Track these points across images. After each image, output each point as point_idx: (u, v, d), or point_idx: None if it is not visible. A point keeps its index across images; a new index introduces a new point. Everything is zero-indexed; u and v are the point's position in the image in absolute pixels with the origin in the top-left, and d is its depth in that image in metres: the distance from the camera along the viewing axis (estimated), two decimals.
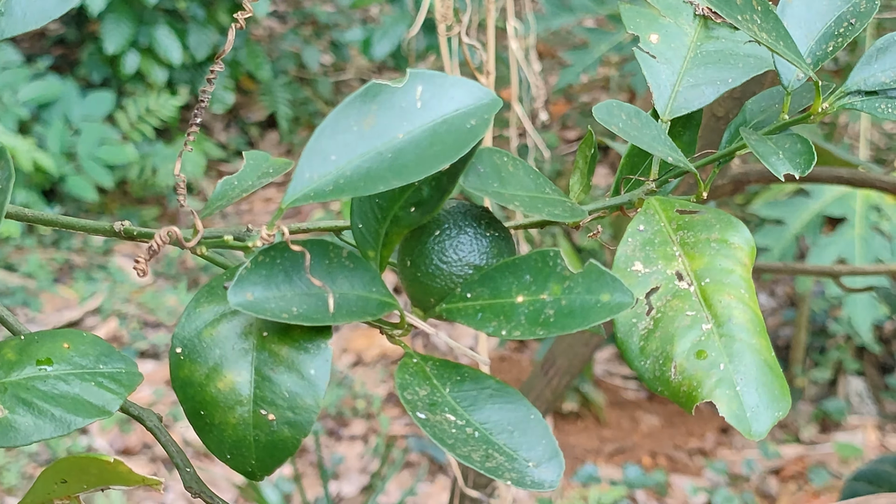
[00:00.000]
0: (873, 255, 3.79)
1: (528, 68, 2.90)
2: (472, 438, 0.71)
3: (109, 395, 0.73)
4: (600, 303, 0.71)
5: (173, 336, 0.75)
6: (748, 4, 0.80)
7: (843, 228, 3.86)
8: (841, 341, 4.38)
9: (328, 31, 6.21)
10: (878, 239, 3.83)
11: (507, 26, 2.42)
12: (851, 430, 4.18)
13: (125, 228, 0.81)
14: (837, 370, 4.37)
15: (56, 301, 4.69)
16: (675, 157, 0.82)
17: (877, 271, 2.05)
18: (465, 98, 0.74)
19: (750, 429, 0.72)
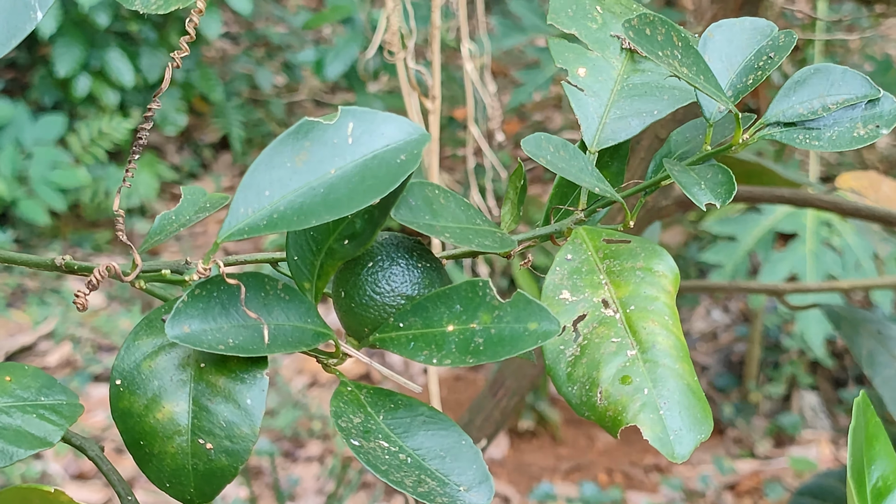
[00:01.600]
0: (825, 270, 3.83)
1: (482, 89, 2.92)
2: (404, 464, 0.73)
3: (51, 427, 0.75)
4: (528, 331, 0.73)
5: (113, 368, 0.77)
6: (669, 40, 0.83)
7: (794, 244, 3.90)
8: (794, 356, 4.42)
9: (281, 53, 6.22)
10: (829, 254, 3.87)
11: (461, 47, 2.44)
12: (806, 445, 4.21)
13: (66, 263, 0.82)
14: (791, 385, 4.40)
15: (9, 326, 4.67)
16: (602, 188, 0.84)
17: (819, 289, 2.08)
18: (395, 134, 0.76)
19: (673, 451, 0.74)
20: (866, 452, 0.76)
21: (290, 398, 4.38)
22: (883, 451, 0.76)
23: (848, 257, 3.86)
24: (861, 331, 1.93)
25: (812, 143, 0.86)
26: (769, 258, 3.90)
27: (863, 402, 0.80)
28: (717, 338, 4.73)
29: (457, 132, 5.20)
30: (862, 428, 0.77)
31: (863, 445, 0.76)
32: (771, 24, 0.91)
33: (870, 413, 0.80)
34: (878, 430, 0.78)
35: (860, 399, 0.81)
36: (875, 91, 0.86)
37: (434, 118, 1.83)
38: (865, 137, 0.85)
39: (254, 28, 6.43)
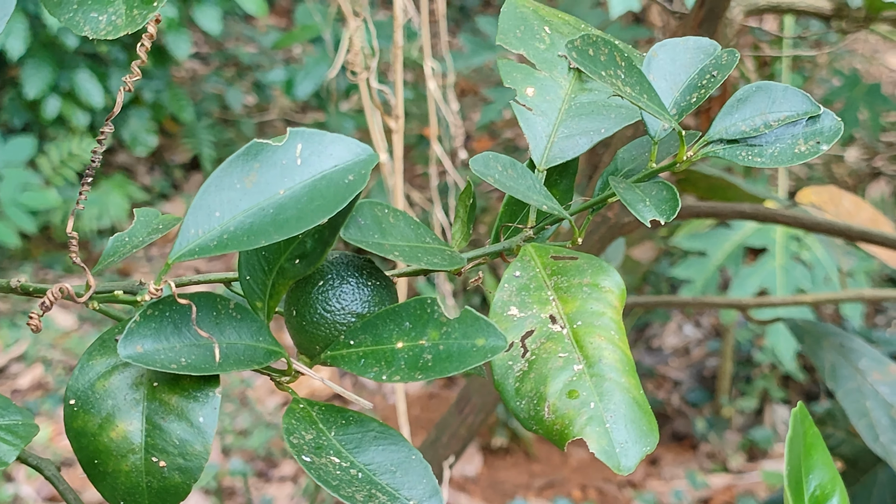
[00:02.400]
0: (794, 284, 3.85)
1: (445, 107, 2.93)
2: (355, 479, 0.75)
3: (6, 447, 0.76)
4: (476, 347, 0.75)
5: (67, 388, 0.78)
6: (612, 60, 0.84)
7: (764, 259, 3.92)
8: (766, 370, 4.44)
9: (251, 73, 6.22)
10: (798, 268, 3.89)
11: (425, 66, 2.45)
12: (778, 459, 4.23)
13: (21, 285, 0.83)
14: (763, 399, 4.42)
15: None
16: (550, 206, 0.86)
17: (783, 303, 2.10)
18: (343, 154, 0.77)
19: (619, 464, 0.76)
20: (804, 462, 0.78)
21: (262, 418, 4.38)
22: (821, 461, 0.78)
23: (817, 271, 3.88)
24: (824, 344, 1.95)
25: (754, 160, 0.87)
26: (739, 273, 3.91)
27: (800, 414, 0.81)
28: (690, 353, 4.74)
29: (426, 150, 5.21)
30: (800, 438, 0.79)
31: (801, 455, 0.78)
32: (714, 43, 0.93)
33: (808, 424, 0.81)
34: (816, 441, 0.79)
35: (797, 410, 0.82)
36: (815, 108, 0.88)
37: (397, 137, 1.84)
38: (806, 153, 0.87)
39: (224, 48, 6.44)
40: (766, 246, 3.92)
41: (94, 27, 0.75)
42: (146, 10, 0.75)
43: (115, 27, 0.75)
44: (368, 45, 2.03)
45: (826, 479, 0.77)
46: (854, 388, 1.93)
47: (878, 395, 1.93)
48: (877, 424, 1.90)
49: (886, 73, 5.83)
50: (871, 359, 1.97)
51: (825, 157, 5.12)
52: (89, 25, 0.76)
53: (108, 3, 0.74)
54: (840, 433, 2.26)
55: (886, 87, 5.58)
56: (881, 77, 5.70)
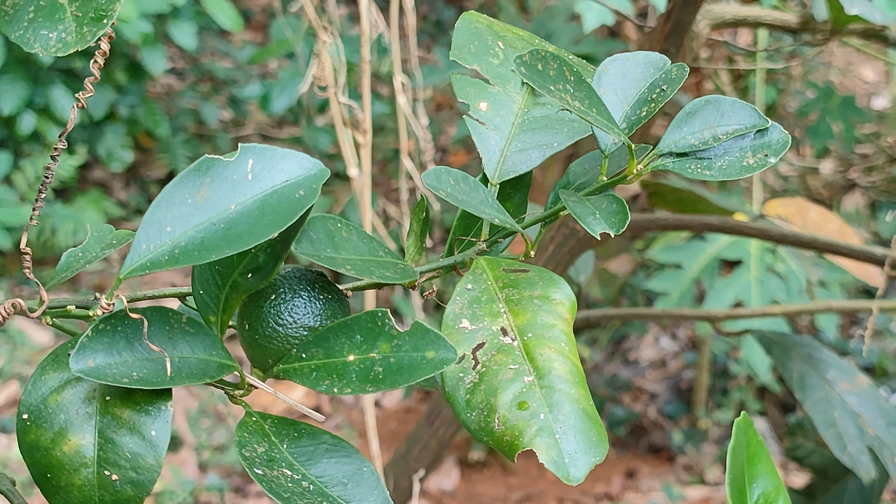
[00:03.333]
0: (769, 296, 3.86)
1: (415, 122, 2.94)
2: (307, 492, 0.75)
3: None
4: (426, 359, 0.75)
5: (20, 403, 0.79)
6: (561, 74, 0.85)
7: (739, 271, 3.93)
8: (742, 382, 4.45)
9: (226, 87, 6.22)
10: (773, 280, 3.90)
11: (394, 81, 2.46)
12: None
13: None
14: (740, 411, 4.41)
15: None
16: (502, 219, 0.86)
17: (752, 314, 2.11)
18: (294, 169, 0.78)
19: (568, 474, 0.76)
20: (747, 471, 0.78)
21: None
22: (764, 470, 0.78)
23: (792, 283, 3.89)
24: (792, 355, 1.96)
25: (703, 173, 0.88)
26: (715, 285, 3.93)
27: (743, 423, 0.82)
28: (666, 365, 4.75)
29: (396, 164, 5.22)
30: (743, 448, 0.80)
31: (743, 464, 0.78)
32: (664, 57, 0.94)
33: (751, 433, 0.82)
34: (760, 450, 0.80)
35: (741, 420, 0.83)
36: (763, 121, 0.89)
37: (365, 152, 1.85)
38: (755, 166, 0.88)
39: (199, 63, 6.43)
40: (741, 258, 3.94)
41: (45, 44, 0.76)
42: (96, 28, 0.75)
43: (66, 44, 0.76)
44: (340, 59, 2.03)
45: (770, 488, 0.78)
46: (822, 398, 1.94)
47: (845, 405, 1.94)
48: (844, 434, 1.91)
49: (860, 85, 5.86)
50: (839, 369, 1.99)
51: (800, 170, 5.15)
52: (39, 42, 0.76)
53: (59, 20, 0.75)
54: (810, 444, 2.27)
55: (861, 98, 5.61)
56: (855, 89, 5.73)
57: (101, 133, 5.47)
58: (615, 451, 4.38)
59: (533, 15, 4.94)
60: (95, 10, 0.76)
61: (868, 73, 5.93)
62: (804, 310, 2.36)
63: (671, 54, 1.70)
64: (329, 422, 4.56)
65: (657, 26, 1.73)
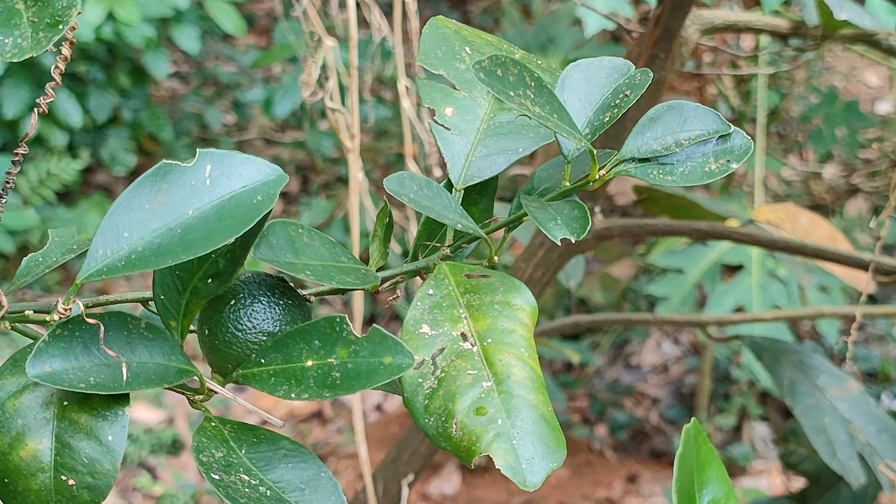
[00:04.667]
0: (770, 301, 3.86)
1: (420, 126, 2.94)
2: (264, 497, 0.75)
3: None
4: (383, 365, 0.75)
5: None
6: (521, 80, 0.85)
7: (740, 276, 3.92)
8: (744, 387, 4.43)
9: (230, 91, 6.22)
10: (775, 285, 3.90)
11: (398, 84, 2.46)
12: (756, 475, 4.22)
13: None
14: (742, 416, 4.42)
15: None
16: (465, 224, 0.86)
17: (742, 320, 2.11)
18: (252, 175, 0.78)
19: (525, 480, 0.76)
20: (697, 478, 0.78)
21: None
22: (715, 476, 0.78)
23: (793, 288, 3.89)
24: (783, 361, 1.95)
25: (665, 178, 0.88)
26: (716, 290, 3.92)
27: (693, 430, 0.82)
28: (668, 370, 4.74)
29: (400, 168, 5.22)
30: (691, 454, 0.79)
31: (692, 471, 0.78)
32: (628, 62, 0.93)
33: (702, 440, 0.81)
34: (710, 456, 0.80)
35: (690, 426, 0.82)
36: (726, 126, 0.89)
37: (353, 156, 1.85)
38: (716, 171, 0.87)
39: (203, 67, 6.44)
40: (742, 263, 3.93)
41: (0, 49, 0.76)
42: (52, 33, 0.75)
43: (21, 49, 0.76)
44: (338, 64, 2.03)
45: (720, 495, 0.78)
46: (812, 404, 1.93)
47: (836, 411, 1.93)
48: (835, 440, 1.91)
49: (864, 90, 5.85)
50: (830, 375, 1.98)
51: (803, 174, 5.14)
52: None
53: (14, 25, 0.75)
54: (803, 450, 2.27)
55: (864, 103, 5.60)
56: (859, 94, 5.72)
57: (105, 137, 5.48)
58: (616, 456, 4.37)
59: (536, 19, 4.94)
60: (52, 15, 0.76)
61: (871, 78, 5.92)
62: (796, 315, 2.36)
63: (660, 59, 1.70)
64: (331, 425, 4.56)
65: (646, 31, 1.73)
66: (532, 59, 0.99)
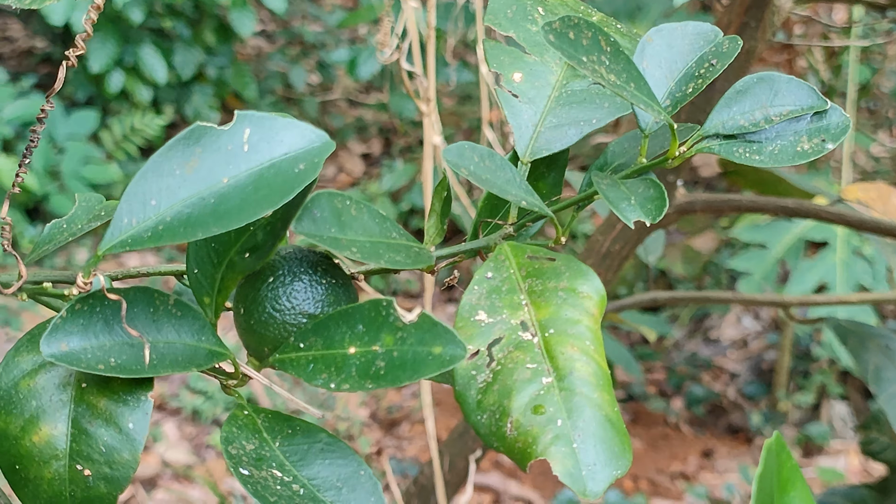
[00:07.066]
0: (855, 279, 3.77)
1: None
2: (297, 496, 0.68)
3: None
4: (432, 355, 0.68)
5: None
6: (595, 45, 0.77)
7: (824, 253, 3.84)
8: (825, 365, 4.36)
9: (315, 51, 6.18)
10: (859, 263, 3.81)
11: (478, 49, 2.39)
12: (834, 455, 4.15)
13: None
14: (821, 394, 4.34)
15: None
16: (530, 201, 0.78)
17: (827, 302, 2.02)
18: (295, 141, 0.71)
19: (585, 488, 0.69)
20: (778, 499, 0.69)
21: (317, 398, 4.34)
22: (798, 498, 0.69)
23: (879, 267, 3.79)
24: (869, 346, 1.87)
25: (752, 158, 0.80)
26: (798, 267, 3.83)
27: (776, 446, 0.73)
28: (748, 345, 4.67)
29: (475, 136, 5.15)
30: (772, 473, 0.70)
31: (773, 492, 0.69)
32: (715, 28, 0.85)
33: (784, 456, 0.73)
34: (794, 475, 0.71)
35: (772, 441, 0.74)
36: (822, 102, 0.80)
37: (428, 121, 1.78)
38: (809, 152, 0.79)
39: (289, 26, 6.41)
40: (826, 240, 3.84)
41: None
42: None
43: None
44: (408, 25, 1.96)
45: None
46: None
47: None
48: None
49: None
50: None
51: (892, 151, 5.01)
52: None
53: None
54: (885, 438, 2.18)
55: None
56: None
57: (189, 93, 5.46)
58: (692, 430, 4.31)
59: None
60: None
61: None
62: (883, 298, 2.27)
63: (751, 28, 1.62)
64: (405, 389, 4.53)
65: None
66: (611, 22, 0.91)
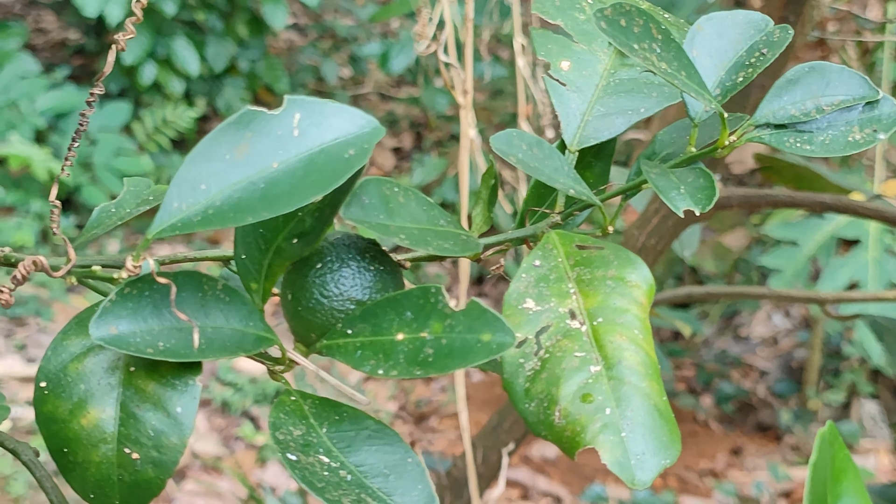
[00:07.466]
0: (887, 277, 3.76)
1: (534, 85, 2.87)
2: (344, 482, 0.68)
3: None
4: (480, 343, 0.68)
5: (38, 370, 0.73)
6: (647, 32, 0.76)
7: (856, 251, 3.82)
8: (855, 364, 4.34)
9: (347, 45, 6.19)
10: (891, 261, 3.80)
11: (514, 42, 2.39)
12: (864, 454, 4.13)
13: (4, 255, 0.78)
14: (851, 393, 4.32)
15: (68, 311, 4.67)
16: (578, 190, 0.78)
17: (864, 298, 2.01)
18: (345, 126, 0.71)
19: (633, 477, 0.68)
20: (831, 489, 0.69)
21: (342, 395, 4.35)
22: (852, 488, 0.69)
23: None
24: None
25: (803, 148, 0.79)
26: (830, 264, 3.82)
27: (829, 435, 0.73)
28: (778, 343, 4.65)
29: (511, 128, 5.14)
30: (827, 462, 0.70)
31: (827, 481, 0.69)
32: (766, 17, 0.84)
33: (837, 447, 0.73)
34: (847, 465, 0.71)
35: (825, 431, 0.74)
36: (874, 92, 0.80)
37: (464, 113, 1.78)
38: (861, 142, 0.78)
39: (321, 20, 6.41)
40: (858, 238, 3.82)
41: None
42: None
43: None
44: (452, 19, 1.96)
45: None
46: None
47: None
48: None
49: None
50: None
51: None
52: None
53: None
54: None
55: None
56: None
57: (221, 86, 5.47)
58: (721, 428, 4.30)
59: None
60: None
61: None
62: None
63: (790, 22, 1.61)
64: (434, 384, 4.53)
65: None
66: (658, 10, 0.90)
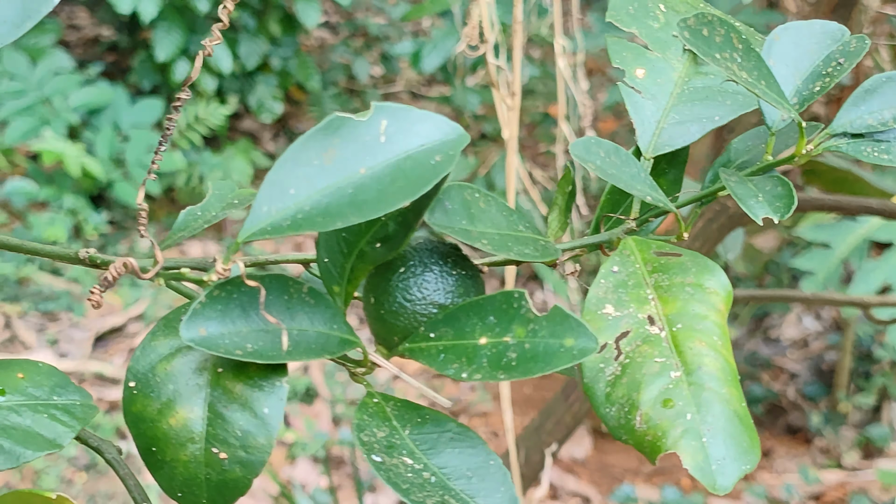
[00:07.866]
0: None
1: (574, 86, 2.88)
2: (428, 483, 0.69)
3: (62, 428, 0.72)
4: (564, 347, 0.69)
5: (127, 370, 0.74)
6: (728, 41, 0.77)
7: (889, 254, 3.81)
8: (886, 367, 4.33)
9: (379, 44, 6.20)
10: None
11: (555, 44, 2.40)
12: (895, 458, 4.12)
13: (90, 256, 0.79)
14: (882, 396, 4.31)
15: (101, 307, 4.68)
16: (655, 197, 0.79)
17: None
18: (431, 133, 0.72)
19: (714, 482, 0.69)
20: None
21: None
22: None
23: None
24: None
25: (881, 157, 0.80)
26: (863, 267, 3.81)
27: None
28: (808, 345, 4.64)
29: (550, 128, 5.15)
30: None
31: None
32: (842, 27, 0.85)
33: None
34: None
35: None
36: None
37: (512, 115, 1.79)
38: None
39: (353, 18, 6.43)
40: (891, 240, 3.81)
41: None
42: None
43: None
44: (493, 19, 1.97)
45: None
46: None
47: None
48: None
49: None
50: None
51: None
52: None
53: None
54: None
55: None
56: None
57: (253, 84, 5.49)
58: None
59: None
60: None
61: None
62: None
63: None
64: (464, 383, 4.53)
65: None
66: (731, 19, 0.91)
